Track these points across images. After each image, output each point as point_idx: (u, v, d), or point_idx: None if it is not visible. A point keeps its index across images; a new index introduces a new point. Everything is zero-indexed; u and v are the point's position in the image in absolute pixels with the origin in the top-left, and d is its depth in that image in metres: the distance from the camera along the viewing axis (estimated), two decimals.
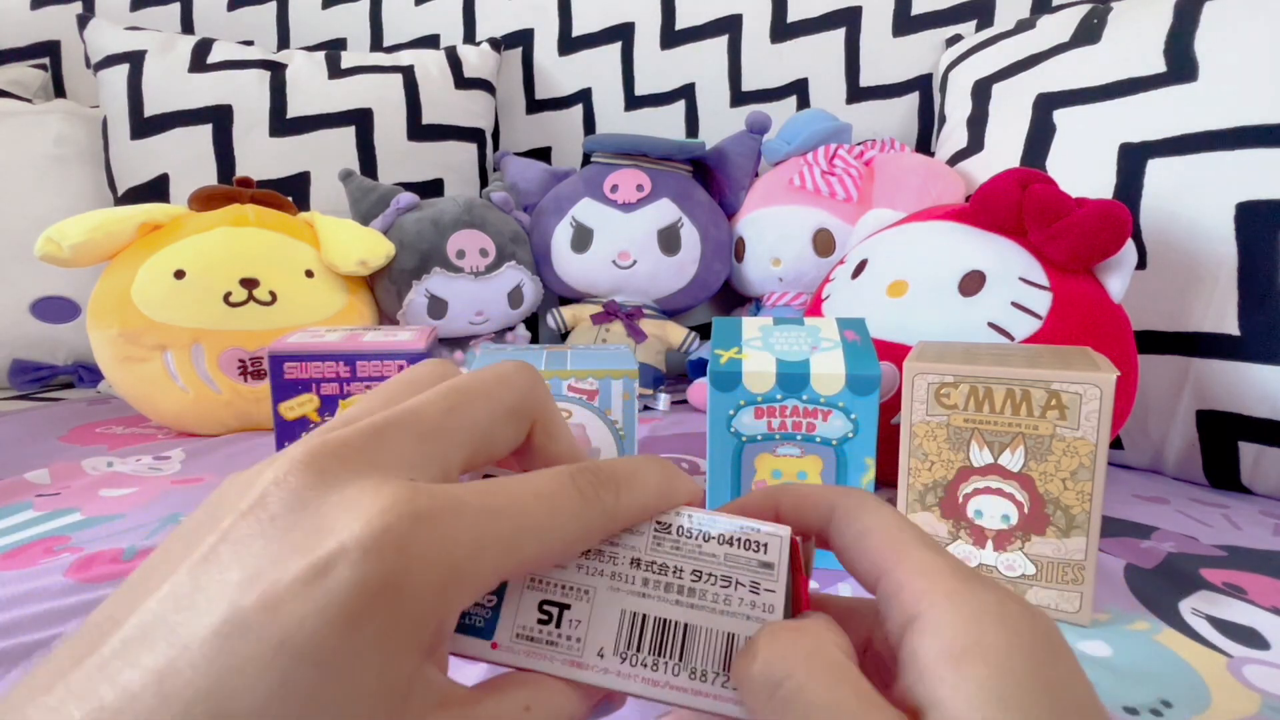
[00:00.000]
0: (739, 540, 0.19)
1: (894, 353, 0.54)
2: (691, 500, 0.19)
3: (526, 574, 0.18)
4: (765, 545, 0.19)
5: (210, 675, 0.12)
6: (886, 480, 0.46)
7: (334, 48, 1.23)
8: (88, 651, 0.13)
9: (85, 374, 0.98)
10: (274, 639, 0.12)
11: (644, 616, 0.18)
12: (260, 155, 1.01)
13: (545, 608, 0.18)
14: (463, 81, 1.11)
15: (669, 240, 0.93)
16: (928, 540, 0.17)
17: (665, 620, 0.18)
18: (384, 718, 0.13)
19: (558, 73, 1.18)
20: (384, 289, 0.87)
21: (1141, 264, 0.64)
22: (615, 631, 0.18)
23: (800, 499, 0.20)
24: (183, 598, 0.13)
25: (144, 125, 1.00)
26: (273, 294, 0.75)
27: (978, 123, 0.86)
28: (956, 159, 0.88)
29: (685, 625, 0.18)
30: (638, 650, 0.18)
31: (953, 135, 0.90)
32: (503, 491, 0.16)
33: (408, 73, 1.08)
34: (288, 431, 0.48)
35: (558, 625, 0.18)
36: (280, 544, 0.13)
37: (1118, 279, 0.57)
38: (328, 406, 0.49)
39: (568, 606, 0.18)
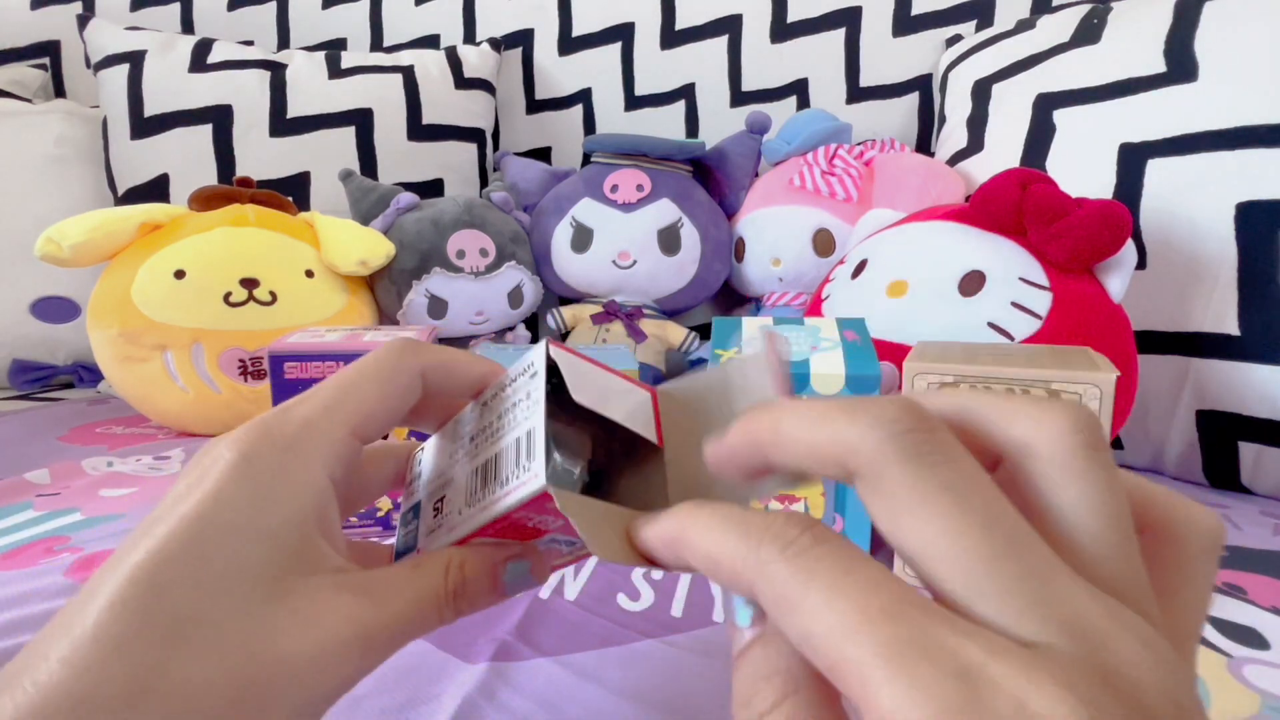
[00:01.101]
0: (521, 373, 0.22)
1: (894, 353, 0.54)
2: (489, 369, 0.23)
3: (369, 419, 0.21)
4: (531, 363, 0.21)
5: (136, 558, 0.16)
6: None
7: (334, 48, 1.23)
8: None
9: (85, 374, 0.98)
10: (176, 516, 0.17)
11: (476, 467, 0.21)
12: (260, 155, 1.01)
13: (436, 505, 0.22)
14: (463, 81, 1.11)
15: (669, 240, 0.93)
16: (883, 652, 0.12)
17: (487, 459, 0.21)
18: (268, 554, 0.17)
19: (558, 73, 1.18)
20: (384, 289, 0.87)
21: (1141, 264, 0.64)
22: (465, 490, 0.21)
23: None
24: (131, 538, 0.17)
25: (144, 125, 1.00)
26: (273, 294, 0.75)
27: (978, 123, 0.86)
28: (956, 159, 0.88)
29: (497, 453, 0.20)
30: (476, 491, 0.21)
31: (953, 135, 0.90)
32: (330, 380, 0.21)
33: (408, 73, 1.08)
34: None
35: (443, 514, 0.22)
36: (182, 480, 0.18)
37: (1118, 279, 0.57)
38: None
39: (444, 496, 0.22)
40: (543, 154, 1.20)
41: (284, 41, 1.24)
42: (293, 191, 0.98)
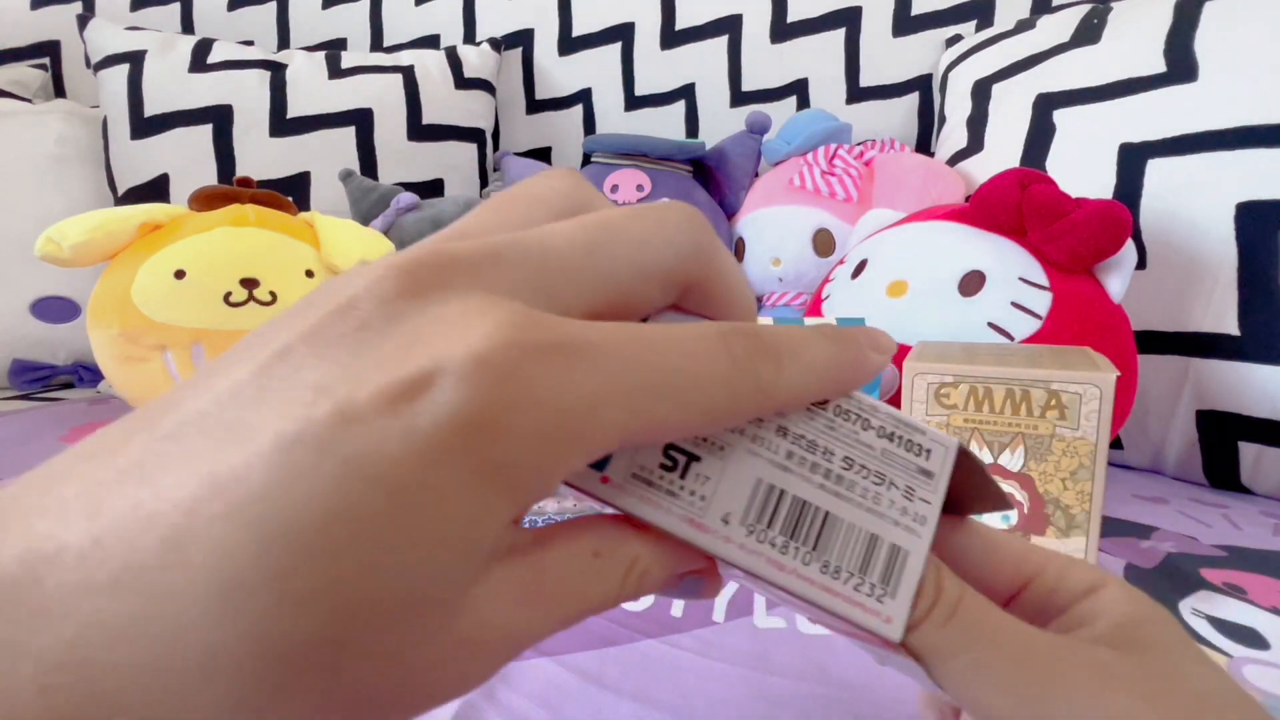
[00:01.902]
0: (901, 438, 0.17)
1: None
2: (867, 382, 0.16)
3: (653, 443, 0.15)
4: (929, 451, 0.17)
5: (266, 486, 0.10)
6: None
7: (334, 48, 1.23)
8: (123, 445, 0.11)
9: (85, 374, 0.98)
10: (344, 457, 0.10)
11: (781, 491, 0.16)
12: (260, 155, 1.01)
13: (671, 453, 0.15)
14: (463, 81, 1.11)
15: None
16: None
17: (805, 502, 0.16)
18: (452, 569, 0.11)
19: (558, 73, 1.18)
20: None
21: (1141, 264, 0.64)
22: (747, 499, 0.15)
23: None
24: (245, 398, 0.11)
25: (144, 125, 1.00)
26: (273, 294, 0.75)
27: (978, 123, 0.86)
28: (956, 159, 0.88)
29: (827, 513, 0.16)
30: (768, 526, 0.15)
31: (953, 135, 0.90)
32: (639, 340, 0.13)
33: (408, 73, 1.08)
34: None
35: (683, 476, 0.15)
36: (365, 356, 0.11)
37: (1117, 279, 0.57)
38: None
39: (697, 459, 0.15)
40: (543, 154, 1.20)
41: (284, 41, 1.24)
42: (293, 191, 0.98)
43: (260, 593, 0.10)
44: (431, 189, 1.06)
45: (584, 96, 1.17)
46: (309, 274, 0.79)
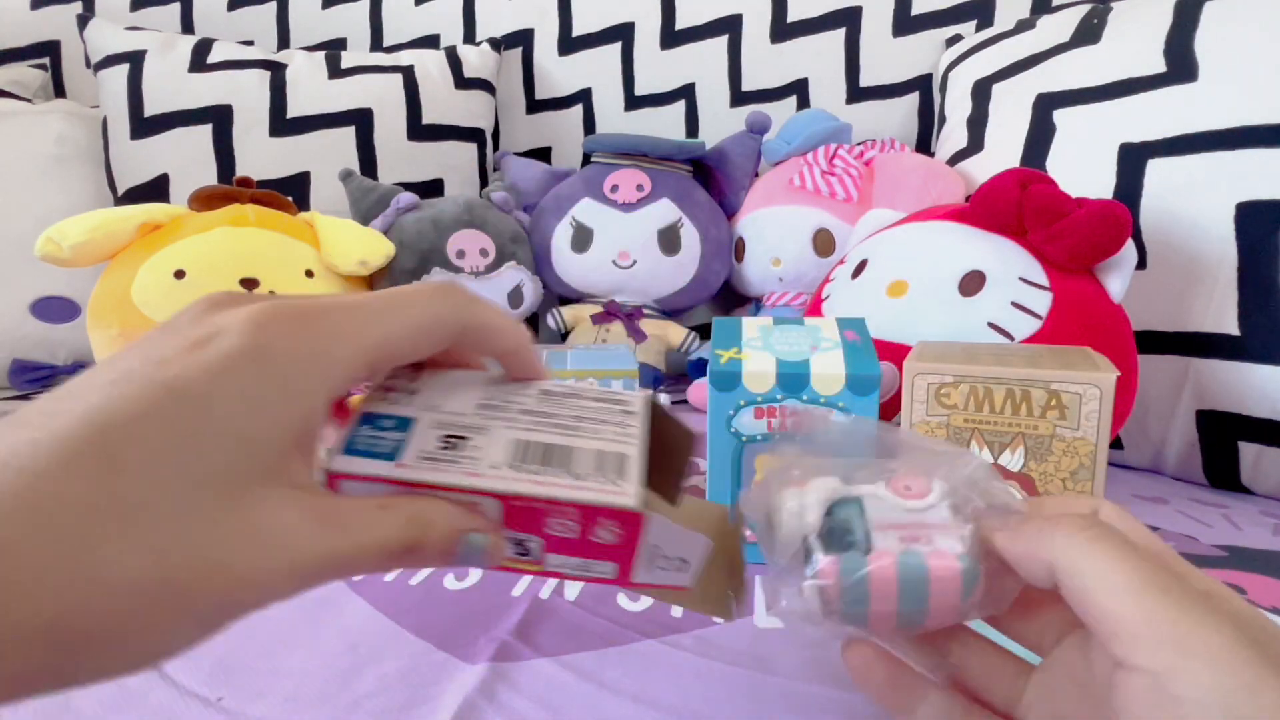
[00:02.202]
0: (608, 398, 0.25)
1: (894, 353, 0.54)
2: (525, 342, 0.24)
3: (390, 358, 0.20)
4: (628, 400, 0.25)
5: (99, 402, 0.15)
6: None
7: (334, 48, 1.23)
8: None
9: None
10: (156, 381, 0.16)
11: (531, 441, 0.22)
12: (260, 155, 1.01)
13: (447, 438, 0.22)
14: (463, 81, 1.11)
15: (669, 240, 0.93)
16: (1152, 582, 0.18)
17: (548, 444, 0.22)
18: (237, 457, 0.16)
19: (558, 73, 1.18)
20: (384, 289, 0.87)
21: (1141, 264, 0.64)
22: (508, 451, 0.21)
23: (1020, 556, 0.21)
24: (93, 371, 0.16)
25: (144, 125, 1.00)
26: (273, 294, 0.75)
27: (978, 123, 0.86)
28: (956, 159, 0.88)
29: (566, 446, 0.22)
30: (526, 461, 0.21)
31: (953, 135, 0.90)
32: (365, 296, 0.20)
33: (408, 73, 1.08)
34: None
35: (457, 450, 0.21)
36: (175, 335, 0.17)
37: (1118, 279, 0.57)
38: None
39: (466, 438, 0.22)
40: (543, 154, 1.20)
41: (284, 41, 1.24)
42: (293, 191, 0.98)
43: (97, 466, 0.15)
44: (431, 189, 1.06)
45: (584, 96, 1.17)
46: (309, 274, 0.79)
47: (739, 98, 1.12)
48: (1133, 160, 0.66)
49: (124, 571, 0.15)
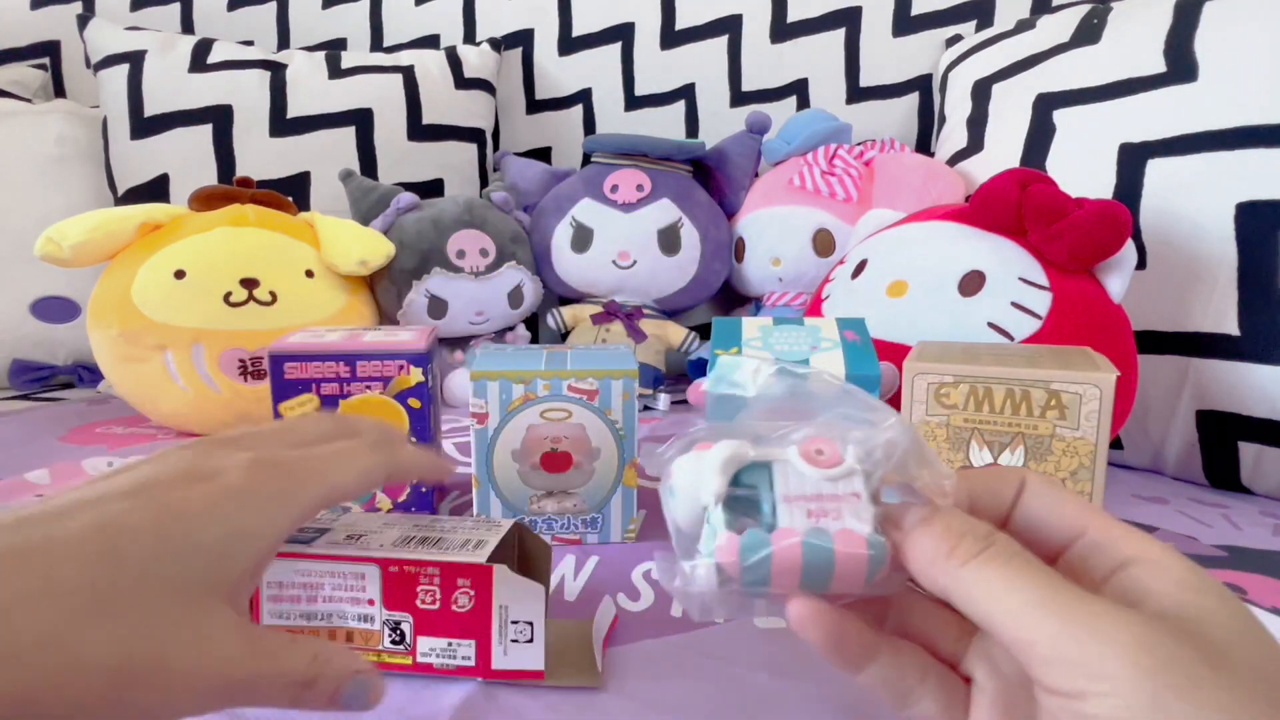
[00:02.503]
0: (484, 522, 0.36)
1: (894, 353, 0.54)
2: (435, 468, 0.30)
3: (341, 498, 0.24)
4: (500, 523, 0.36)
5: (113, 512, 0.18)
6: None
7: (334, 48, 1.23)
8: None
9: (85, 374, 0.98)
10: (162, 501, 0.19)
11: (413, 536, 0.34)
12: (260, 155, 1.01)
13: (349, 536, 0.34)
14: (463, 81, 1.11)
15: (669, 240, 0.93)
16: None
17: (427, 535, 0.34)
18: (213, 575, 0.19)
19: (558, 73, 1.18)
20: (384, 289, 0.87)
21: (1141, 264, 0.64)
22: (395, 539, 0.33)
23: (993, 476, 0.22)
24: (111, 481, 0.20)
25: (144, 125, 1.00)
26: (273, 294, 0.75)
27: (978, 123, 0.86)
28: (956, 159, 0.88)
29: (439, 536, 0.34)
30: (407, 545, 0.33)
31: (953, 135, 0.90)
32: (325, 451, 0.25)
33: (408, 73, 1.08)
34: None
35: (358, 542, 0.33)
36: (184, 466, 0.22)
37: (1117, 279, 0.57)
38: (328, 406, 0.48)
39: (364, 535, 0.34)
40: (543, 154, 1.20)
41: (284, 41, 1.24)
42: (293, 191, 0.98)
43: (100, 557, 0.18)
44: (431, 189, 1.06)
45: (584, 96, 1.17)
46: (309, 274, 0.79)
47: (739, 98, 1.12)
48: (1133, 160, 0.66)
49: (99, 653, 0.16)
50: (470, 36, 1.21)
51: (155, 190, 0.99)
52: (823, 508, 0.20)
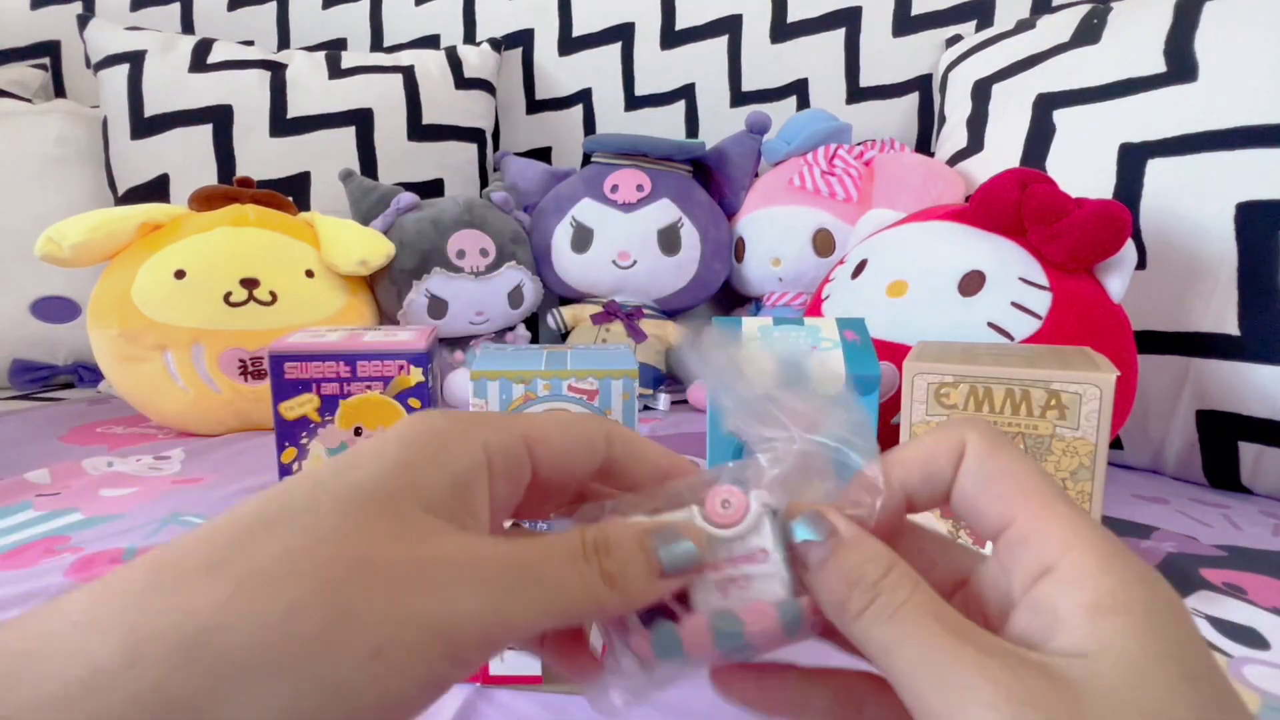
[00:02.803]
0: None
1: (894, 353, 0.54)
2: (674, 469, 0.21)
3: (540, 445, 0.19)
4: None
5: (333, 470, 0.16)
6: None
7: (334, 48, 1.23)
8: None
9: (85, 374, 0.98)
10: (354, 450, 0.17)
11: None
12: (260, 155, 1.01)
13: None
14: (463, 81, 1.11)
15: (669, 240, 0.93)
16: (1066, 495, 0.17)
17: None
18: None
19: (558, 73, 1.18)
20: (384, 289, 0.87)
21: (1141, 264, 0.64)
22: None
23: (925, 455, 0.19)
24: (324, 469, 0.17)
25: (144, 125, 1.00)
26: (273, 294, 0.75)
27: (978, 123, 0.86)
28: (956, 159, 0.88)
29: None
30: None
31: (953, 135, 0.90)
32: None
33: (408, 73, 1.08)
34: (288, 431, 0.48)
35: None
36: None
37: (1117, 279, 0.57)
38: (328, 406, 0.48)
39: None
40: (543, 154, 1.20)
41: (284, 41, 1.24)
42: (293, 191, 0.98)
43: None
44: (431, 189, 1.06)
45: (584, 96, 1.17)
46: (309, 274, 0.79)
47: (739, 98, 1.12)
48: (1133, 160, 0.66)
49: (378, 623, 0.14)
50: (470, 36, 1.21)
51: (155, 190, 0.99)
52: (730, 576, 0.18)
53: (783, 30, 1.10)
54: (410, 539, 0.15)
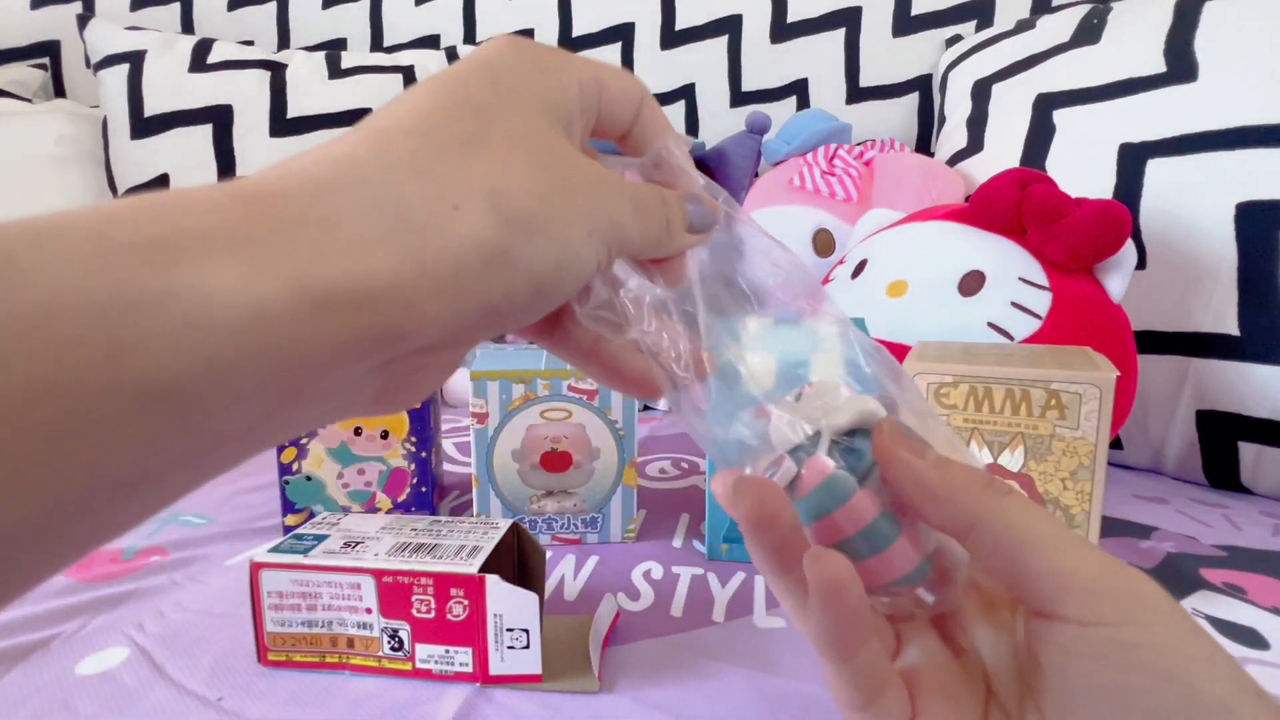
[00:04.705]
0: (481, 522, 0.38)
1: (894, 353, 0.54)
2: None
3: (599, 87, 0.21)
4: (497, 523, 0.38)
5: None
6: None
7: (334, 48, 1.23)
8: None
9: None
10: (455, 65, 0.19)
11: (408, 542, 0.35)
12: (260, 155, 1.01)
13: (346, 544, 0.35)
14: None
15: None
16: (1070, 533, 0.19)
17: (421, 542, 0.35)
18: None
19: None
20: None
21: (1141, 264, 0.64)
22: (389, 549, 0.34)
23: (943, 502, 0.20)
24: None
25: (144, 125, 1.00)
26: None
27: (978, 123, 0.86)
28: (956, 159, 0.88)
29: (433, 543, 0.35)
30: (402, 554, 0.34)
31: (953, 135, 0.90)
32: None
33: (408, 73, 1.08)
34: None
35: (354, 550, 0.34)
36: None
37: (1117, 279, 0.57)
38: None
39: (361, 543, 0.35)
40: None
41: (284, 41, 1.24)
42: None
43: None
44: None
45: None
46: None
47: (739, 98, 1.12)
48: (1133, 160, 0.66)
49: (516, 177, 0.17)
50: (470, 37, 1.21)
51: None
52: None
53: (783, 30, 1.10)
54: (582, 152, 0.19)
